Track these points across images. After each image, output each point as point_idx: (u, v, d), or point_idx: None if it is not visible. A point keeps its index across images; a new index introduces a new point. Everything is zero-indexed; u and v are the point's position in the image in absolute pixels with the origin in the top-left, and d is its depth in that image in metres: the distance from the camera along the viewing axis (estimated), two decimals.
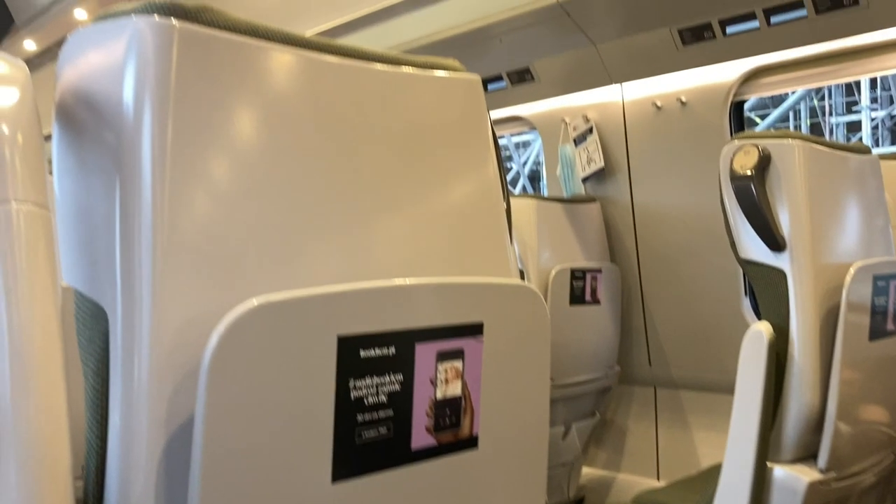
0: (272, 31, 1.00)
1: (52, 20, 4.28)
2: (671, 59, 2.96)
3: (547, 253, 3.08)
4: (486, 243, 1.26)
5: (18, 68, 0.86)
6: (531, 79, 3.41)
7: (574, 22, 3.00)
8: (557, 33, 3.07)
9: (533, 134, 4.09)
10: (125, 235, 0.86)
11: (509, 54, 3.37)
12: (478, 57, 3.52)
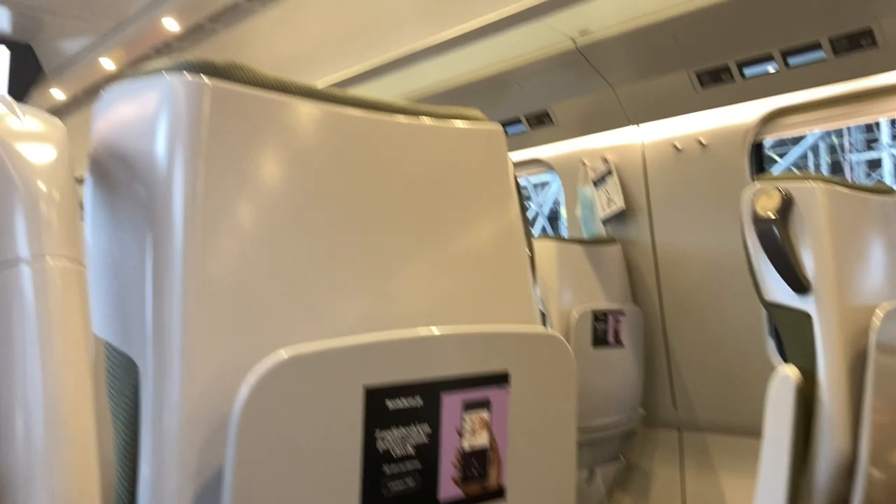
0: (298, 87, 1.03)
1: (79, 69, 4.38)
2: (689, 101, 2.98)
3: (568, 294, 3.07)
4: (509, 289, 1.27)
5: (54, 126, 0.88)
6: (550, 122, 3.44)
7: (592, 66, 3.04)
8: (575, 77, 3.11)
9: (552, 174, 4.10)
10: (157, 289, 0.87)
11: (528, 98, 3.40)
12: (496, 101, 3.56)
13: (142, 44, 3.93)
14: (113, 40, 4.01)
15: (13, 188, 0.80)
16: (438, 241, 1.17)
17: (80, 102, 4.92)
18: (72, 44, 4.27)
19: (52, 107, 4.97)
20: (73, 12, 3.83)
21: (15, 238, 0.78)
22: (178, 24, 3.65)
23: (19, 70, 4.47)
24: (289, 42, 3.94)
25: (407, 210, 1.14)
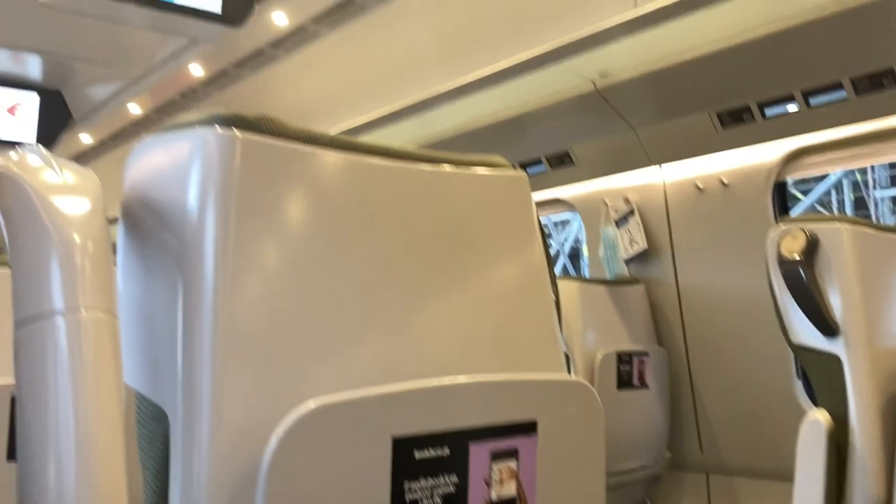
0: (325, 137, 1.04)
1: (107, 114, 4.48)
2: (711, 142, 2.98)
3: (592, 336, 3.05)
4: (535, 335, 1.26)
5: (89, 178, 0.90)
6: (571, 162, 3.46)
7: (612, 107, 3.06)
8: (596, 118, 3.13)
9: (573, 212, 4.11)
10: (187, 337, 0.88)
11: (548, 139, 3.43)
12: (517, 142, 3.59)
13: (168, 89, 4.01)
14: (140, 86, 4.10)
15: (49, 240, 0.82)
16: (463, 286, 1.18)
17: (107, 146, 5.03)
18: (100, 90, 4.37)
19: (80, 151, 5.08)
20: (102, 60, 3.92)
21: (51, 290, 0.79)
22: (204, 70, 3.73)
23: (49, 116, 4.58)
24: (311, 86, 4.02)
25: (431, 256, 1.14)
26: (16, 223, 0.83)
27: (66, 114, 4.62)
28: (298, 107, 4.29)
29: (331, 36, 3.29)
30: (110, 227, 0.90)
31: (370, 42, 3.40)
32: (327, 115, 4.24)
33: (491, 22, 3.12)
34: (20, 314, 0.79)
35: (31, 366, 0.79)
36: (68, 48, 3.87)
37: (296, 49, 3.45)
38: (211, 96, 4.08)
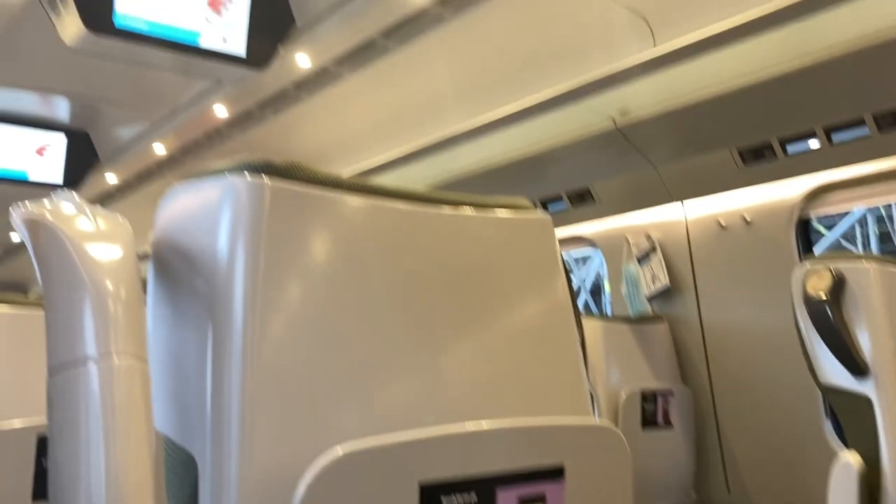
0: (351, 183, 1.06)
1: (132, 155, 4.56)
2: (732, 178, 2.98)
3: (616, 374, 3.03)
4: (561, 377, 1.26)
5: (121, 225, 0.92)
6: (591, 199, 3.46)
7: (632, 145, 3.07)
8: (616, 156, 3.14)
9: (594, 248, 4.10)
10: (216, 383, 0.89)
11: (569, 176, 3.44)
12: (537, 179, 3.61)
13: (193, 130, 4.08)
14: (165, 127, 4.17)
15: (83, 286, 0.83)
16: (487, 328, 1.18)
17: (132, 186, 5.10)
18: (126, 131, 4.46)
19: (106, 191, 5.16)
20: (128, 102, 4.00)
21: (84, 336, 0.80)
22: (228, 111, 3.79)
23: (76, 156, 4.66)
24: (332, 126, 4.07)
25: (455, 299, 1.15)
26: (51, 269, 0.85)
27: (93, 154, 4.70)
28: (320, 146, 4.34)
29: (352, 77, 3.34)
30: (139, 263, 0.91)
31: (391, 82, 3.45)
32: (348, 155, 4.29)
33: (510, 61, 3.16)
34: (54, 360, 0.81)
35: (64, 411, 0.80)
36: (95, 91, 3.96)
37: (318, 90, 3.50)
38: (234, 137, 4.14)
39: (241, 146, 4.26)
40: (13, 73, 3.67)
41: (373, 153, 4.10)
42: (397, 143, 3.91)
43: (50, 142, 4.56)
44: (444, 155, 3.74)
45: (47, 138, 4.54)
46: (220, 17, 2.93)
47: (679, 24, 2.65)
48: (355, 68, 3.25)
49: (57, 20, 2.82)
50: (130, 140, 4.51)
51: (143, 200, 5.25)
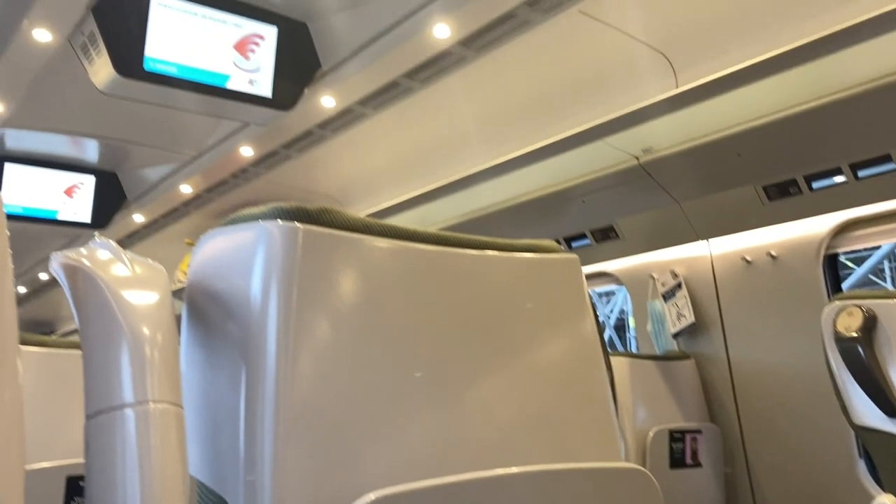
0: (380, 227, 1.07)
1: (159, 195, 4.63)
2: (757, 215, 2.96)
3: (642, 412, 2.99)
4: (590, 417, 1.25)
5: (157, 271, 0.93)
6: (616, 236, 3.46)
7: (656, 182, 3.07)
8: (640, 193, 3.14)
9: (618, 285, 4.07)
10: (249, 428, 0.89)
11: (593, 213, 3.44)
12: (560, 216, 3.61)
13: (219, 170, 4.14)
14: (192, 168, 4.24)
15: (120, 332, 0.84)
16: (515, 369, 1.18)
17: (159, 225, 5.17)
18: (154, 172, 4.53)
19: (133, 230, 5.23)
20: (157, 143, 4.07)
21: (121, 383, 0.81)
22: (254, 150, 3.85)
23: (104, 196, 4.75)
24: (356, 164, 4.11)
25: (483, 340, 1.15)
26: (89, 315, 0.86)
27: (121, 195, 4.79)
28: (342, 184, 4.38)
29: (376, 116, 3.38)
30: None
31: (413, 121, 3.49)
32: (370, 192, 4.33)
33: (532, 100, 3.19)
34: (92, 405, 0.82)
35: (101, 454, 0.81)
36: (124, 133, 4.04)
37: (341, 129, 3.54)
38: (260, 175, 4.19)
39: (264, 184, 4.31)
40: (45, 116, 3.75)
41: (395, 191, 4.13)
42: (419, 181, 3.94)
43: (79, 182, 4.64)
44: (466, 193, 3.76)
45: (77, 179, 4.63)
46: (247, 60, 2.99)
47: (700, 61, 2.66)
48: (378, 108, 3.29)
49: (89, 65, 2.89)
50: (158, 180, 4.58)
51: (168, 239, 5.32)
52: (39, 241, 5.43)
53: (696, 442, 3.03)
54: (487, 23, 2.61)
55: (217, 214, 4.88)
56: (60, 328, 8.49)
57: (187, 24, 2.85)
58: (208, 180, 4.31)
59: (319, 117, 3.40)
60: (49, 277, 6.75)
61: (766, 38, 2.46)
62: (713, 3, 2.49)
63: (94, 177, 4.68)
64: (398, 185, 4.10)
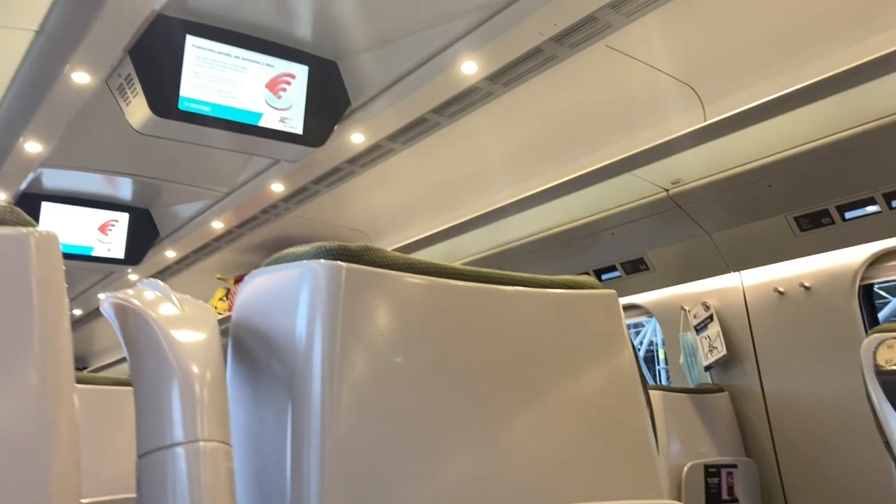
0: (421, 265, 1.08)
1: (191, 231, 4.70)
2: (790, 246, 2.94)
3: (676, 447, 2.95)
4: (630, 451, 1.24)
5: (205, 310, 0.95)
6: (646, 268, 3.44)
7: (686, 213, 3.06)
8: (670, 224, 3.13)
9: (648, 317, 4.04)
10: (295, 466, 0.90)
11: (622, 245, 3.43)
12: (589, 248, 3.60)
13: (250, 206, 4.19)
14: (224, 204, 4.30)
15: (171, 370, 0.86)
16: (553, 405, 1.18)
17: (190, 260, 5.23)
18: (186, 208, 4.60)
19: (165, 265, 5.30)
20: (189, 180, 4.15)
21: (172, 423, 0.83)
22: (284, 186, 3.90)
23: (137, 233, 4.82)
24: (384, 198, 4.14)
25: (521, 376, 1.15)
26: (140, 354, 0.88)
27: (154, 231, 4.86)
28: (371, 217, 4.42)
29: (404, 151, 3.42)
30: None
31: (441, 155, 3.52)
32: (398, 226, 4.36)
33: (559, 133, 3.20)
34: (143, 444, 0.83)
35: (153, 493, 0.82)
36: (158, 171, 4.12)
37: (370, 164, 3.59)
38: (289, 211, 4.24)
39: (294, 219, 4.37)
40: (81, 156, 3.84)
41: (422, 225, 4.15)
42: (446, 215, 3.96)
43: (113, 219, 4.73)
44: (493, 226, 3.77)
45: (111, 216, 4.72)
46: (279, 99, 3.05)
47: (728, 93, 2.67)
48: (407, 143, 3.33)
49: (125, 106, 2.96)
50: (189, 217, 4.65)
51: (199, 274, 5.38)
52: (74, 277, 5.52)
53: (731, 477, 2.98)
54: (514, 59, 2.64)
55: (247, 249, 4.94)
56: (93, 363, 8.58)
57: (220, 65, 2.92)
58: (239, 216, 4.37)
59: (349, 153, 3.44)
60: (82, 313, 6.84)
61: (794, 68, 2.46)
62: (740, 36, 2.51)
63: (128, 214, 4.76)
64: (425, 219, 4.13)
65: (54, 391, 0.74)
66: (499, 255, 3.96)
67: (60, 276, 0.79)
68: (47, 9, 2.53)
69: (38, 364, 0.74)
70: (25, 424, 0.72)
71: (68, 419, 0.75)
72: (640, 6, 2.32)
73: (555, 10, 2.36)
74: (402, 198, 4.10)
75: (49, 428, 0.73)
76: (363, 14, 2.78)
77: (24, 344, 0.73)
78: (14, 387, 0.72)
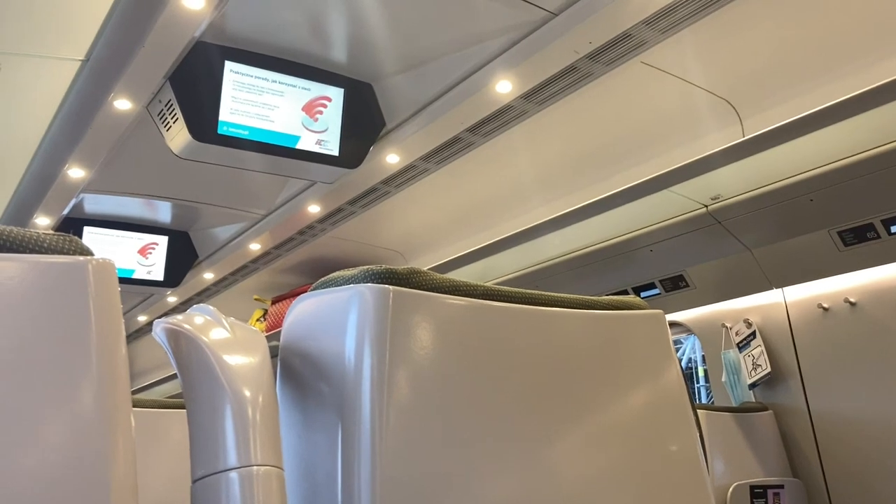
0: (466, 286, 1.09)
1: (229, 253, 4.75)
2: (833, 262, 2.88)
3: (720, 467, 2.90)
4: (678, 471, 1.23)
5: (256, 334, 0.96)
6: (685, 285, 3.40)
7: (726, 229, 3.03)
8: (710, 240, 3.09)
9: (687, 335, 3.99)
10: (346, 489, 0.90)
11: (661, 262, 3.40)
12: (627, 266, 3.58)
13: (287, 228, 4.24)
14: (261, 226, 4.35)
15: (224, 394, 0.87)
16: (599, 426, 1.17)
17: (228, 282, 5.29)
18: (224, 231, 4.66)
19: (204, 287, 5.36)
20: (227, 203, 4.20)
21: (226, 448, 0.83)
22: (321, 208, 3.94)
23: (176, 256, 4.89)
24: (419, 217, 4.16)
25: (566, 396, 1.14)
26: (193, 378, 0.89)
27: (192, 253, 4.93)
28: (406, 238, 4.44)
29: (438, 171, 3.43)
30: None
31: (476, 174, 3.53)
32: (433, 246, 4.37)
33: (595, 150, 3.19)
34: (198, 468, 0.84)
35: None
36: (196, 194, 4.18)
37: (405, 185, 3.60)
38: (325, 231, 4.28)
39: (329, 240, 4.40)
40: (121, 180, 3.91)
41: (457, 244, 4.15)
42: (481, 234, 3.96)
43: (153, 242, 4.80)
44: (529, 245, 3.76)
45: (150, 239, 4.79)
46: (315, 121, 3.08)
47: (767, 107, 2.64)
48: (441, 163, 3.35)
49: (165, 132, 3.02)
50: (227, 239, 4.71)
51: (237, 295, 5.44)
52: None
53: (778, 498, 2.92)
54: (549, 77, 2.64)
55: (283, 270, 4.98)
56: (132, 385, 8.68)
57: (258, 90, 2.96)
58: (276, 238, 4.41)
59: (384, 174, 3.46)
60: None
61: (835, 81, 2.43)
62: (778, 49, 2.48)
63: (167, 237, 4.83)
64: (460, 239, 4.13)
65: (112, 415, 0.75)
66: (534, 273, 3.95)
67: (117, 301, 0.80)
68: (93, 39, 2.60)
69: (97, 388, 0.75)
70: (85, 448, 0.73)
71: (125, 442, 0.76)
72: (675, 22, 2.32)
73: (590, 28, 2.37)
74: (437, 217, 4.11)
75: (107, 451, 0.74)
76: (397, 36, 2.81)
77: (83, 368, 0.75)
78: (74, 411, 0.74)
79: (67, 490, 0.71)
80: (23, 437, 0.71)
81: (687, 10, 2.26)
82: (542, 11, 2.43)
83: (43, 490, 0.70)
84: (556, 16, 2.42)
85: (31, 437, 0.71)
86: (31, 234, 0.78)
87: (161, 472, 1.98)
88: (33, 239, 0.78)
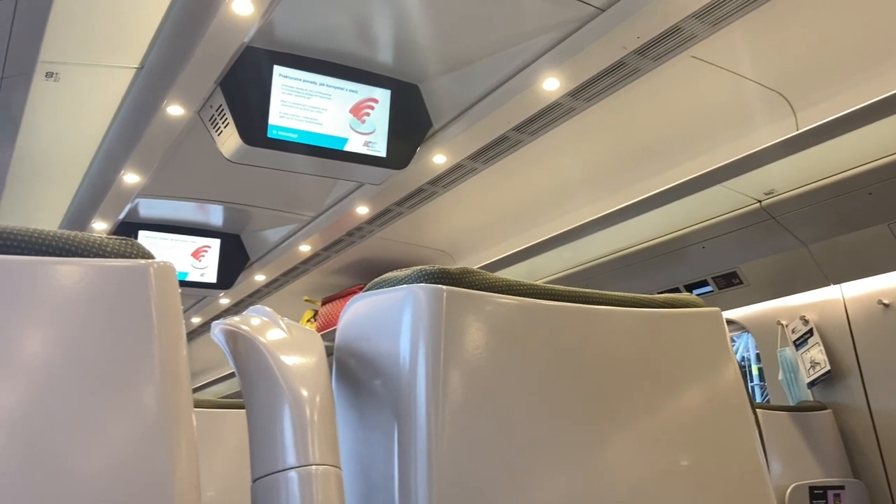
0: (520, 286, 1.08)
1: (280, 255, 4.82)
2: (894, 256, 2.80)
3: (778, 468, 2.84)
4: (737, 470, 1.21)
5: (312, 335, 0.97)
6: (739, 282, 3.34)
7: (780, 224, 2.96)
8: (764, 236, 3.03)
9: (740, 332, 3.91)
10: (403, 488, 0.90)
11: (714, 259, 3.34)
12: (678, 263, 3.52)
13: (336, 229, 4.28)
14: (311, 228, 4.40)
15: (282, 394, 0.88)
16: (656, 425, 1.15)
17: (278, 283, 5.36)
18: (275, 233, 4.73)
19: (255, 289, 5.45)
20: (278, 206, 4.26)
21: (285, 448, 0.85)
22: (369, 209, 3.96)
23: (228, 258, 4.98)
24: (465, 217, 4.16)
25: (622, 395, 1.13)
26: (251, 379, 0.90)
27: (244, 256, 5.01)
28: (453, 238, 4.44)
29: (485, 170, 3.43)
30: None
31: (522, 173, 3.51)
32: (480, 245, 4.36)
33: (644, 146, 3.16)
34: (258, 468, 0.85)
35: None
36: (247, 198, 4.25)
37: (452, 185, 3.61)
38: (374, 232, 4.31)
39: (377, 241, 4.43)
40: (175, 185, 3.99)
41: (504, 244, 4.14)
42: (528, 233, 3.95)
43: (206, 245, 4.89)
44: (577, 243, 3.73)
45: (203, 242, 4.89)
46: (363, 123, 3.11)
47: (821, 99, 2.58)
48: (488, 162, 3.34)
49: (216, 136, 3.07)
50: (278, 241, 4.78)
51: (288, 296, 5.51)
52: None
53: (839, 499, 2.84)
54: (597, 73, 2.62)
55: (333, 272, 5.03)
56: None
57: (307, 93, 2.99)
58: (325, 239, 4.46)
59: (431, 174, 3.47)
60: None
61: (891, 71, 2.36)
62: (831, 41, 2.42)
63: (220, 240, 4.92)
64: (507, 238, 4.12)
65: (175, 415, 0.77)
66: (583, 272, 3.91)
67: (177, 303, 0.82)
68: (147, 47, 2.66)
69: (160, 389, 0.77)
70: (149, 448, 0.75)
71: (188, 442, 0.77)
72: (725, 14, 2.28)
73: (638, 23, 2.34)
74: (484, 217, 4.11)
75: (170, 451, 0.76)
76: (443, 37, 2.82)
77: (147, 370, 0.76)
78: (138, 412, 0.75)
79: (133, 490, 0.72)
80: (89, 438, 0.73)
81: (737, 2, 2.22)
82: (589, 7, 2.41)
83: (108, 490, 0.72)
84: (603, 11, 2.40)
85: (96, 437, 0.73)
86: (94, 238, 0.80)
87: (217, 471, 2.01)
88: (96, 243, 0.80)
